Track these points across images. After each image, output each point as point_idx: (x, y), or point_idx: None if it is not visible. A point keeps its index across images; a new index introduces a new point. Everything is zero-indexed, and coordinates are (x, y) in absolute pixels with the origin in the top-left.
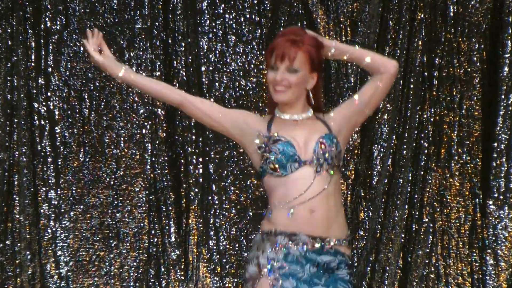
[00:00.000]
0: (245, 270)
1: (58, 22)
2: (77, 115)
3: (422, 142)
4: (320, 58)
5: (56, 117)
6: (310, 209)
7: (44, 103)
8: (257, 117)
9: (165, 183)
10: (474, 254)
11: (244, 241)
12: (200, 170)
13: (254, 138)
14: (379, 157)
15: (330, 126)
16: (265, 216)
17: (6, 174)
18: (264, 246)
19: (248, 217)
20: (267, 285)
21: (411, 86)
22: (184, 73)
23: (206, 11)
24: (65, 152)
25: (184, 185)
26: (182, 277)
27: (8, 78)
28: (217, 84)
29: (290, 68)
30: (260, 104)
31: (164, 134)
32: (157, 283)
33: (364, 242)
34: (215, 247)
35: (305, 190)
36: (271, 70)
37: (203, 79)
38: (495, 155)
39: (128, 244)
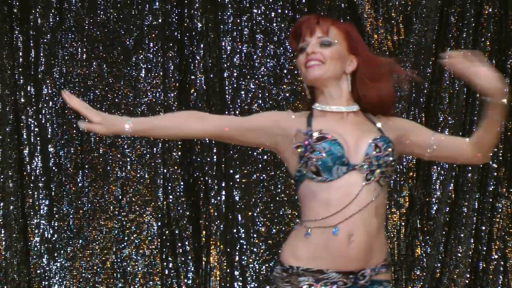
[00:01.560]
0: None
1: (50, 19)
2: (74, 131)
3: (490, 162)
4: (360, 41)
5: (49, 133)
6: (349, 233)
7: (34, 116)
8: (290, 114)
9: (181, 212)
10: None
11: None
12: (223, 197)
13: (292, 138)
14: (438, 181)
15: (382, 131)
16: (293, 235)
17: None
18: None
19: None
20: None
21: (477, 96)
22: (202, 80)
23: (229, 5)
24: (60, 176)
25: (204, 216)
26: None
27: None
28: (242, 93)
29: (323, 41)
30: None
31: (179, 154)
32: None
33: (421, 283)
34: None
35: (351, 202)
36: (300, 53)
37: (226, 87)
38: None
39: (136, 286)
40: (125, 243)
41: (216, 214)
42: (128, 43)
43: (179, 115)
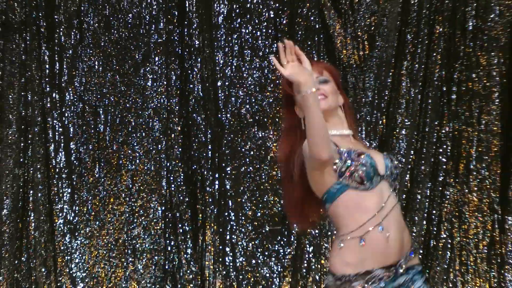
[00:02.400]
0: None
1: (72, 37)
2: (92, 131)
3: (440, 157)
4: (340, 83)
5: (71, 132)
6: (385, 232)
7: (58, 119)
8: None
9: (181, 199)
10: (493, 270)
11: (260, 257)
12: (216, 186)
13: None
14: None
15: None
16: (342, 249)
17: (21, 190)
18: None
19: (265, 233)
20: None
21: (430, 101)
22: (200, 88)
23: (222, 26)
24: (80, 168)
25: (200, 201)
26: None
27: (22, 93)
28: (233, 99)
29: (320, 79)
30: (277, 120)
31: (180, 150)
32: None
33: None
34: (231, 264)
35: (384, 205)
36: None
37: (219, 94)
38: None
39: (144, 260)
40: (134, 224)
41: (210, 200)
42: (137, 57)
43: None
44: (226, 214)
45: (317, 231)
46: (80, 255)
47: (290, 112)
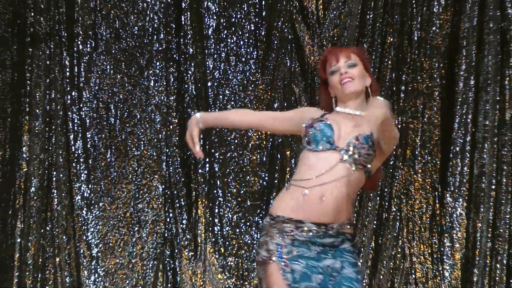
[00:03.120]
0: (257, 254)
1: (88, 45)
2: (105, 123)
3: None
4: (369, 62)
5: (87, 124)
6: (321, 195)
7: (77, 113)
8: (315, 109)
9: (178, 179)
10: (434, 238)
11: (243, 227)
12: (207, 169)
13: (306, 122)
14: None
15: (373, 131)
16: (281, 192)
17: (46, 171)
18: (272, 233)
19: (247, 207)
20: (276, 269)
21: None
22: (193, 88)
23: (212, 36)
24: (95, 154)
25: (194, 181)
26: (192, 257)
27: (47, 92)
28: (221, 97)
29: (349, 63)
30: None
31: (177, 139)
32: (171, 262)
33: None
34: (219, 232)
35: (325, 172)
36: (331, 75)
37: (209, 93)
38: (452, 156)
39: (147, 229)
40: (139, 200)
41: (202, 180)
42: (142, 62)
43: (238, 112)
44: (215, 191)
45: None
46: (95, 225)
47: (324, 89)
